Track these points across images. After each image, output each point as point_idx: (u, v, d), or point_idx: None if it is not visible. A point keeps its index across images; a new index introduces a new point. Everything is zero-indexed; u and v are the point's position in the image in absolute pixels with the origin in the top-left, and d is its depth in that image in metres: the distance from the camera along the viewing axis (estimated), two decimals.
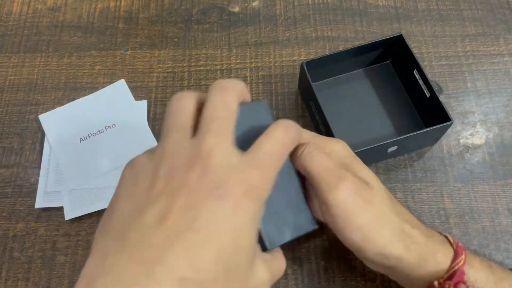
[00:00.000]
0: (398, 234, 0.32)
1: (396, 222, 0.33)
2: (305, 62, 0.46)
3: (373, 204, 0.32)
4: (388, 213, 0.33)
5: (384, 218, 0.33)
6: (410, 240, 0.33)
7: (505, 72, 0.53)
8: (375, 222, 0.32)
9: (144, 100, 0.52)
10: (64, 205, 0.46)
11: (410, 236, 0.33)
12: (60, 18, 0.58)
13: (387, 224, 0.32)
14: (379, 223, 0.32)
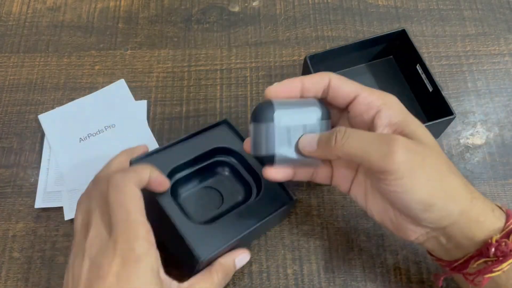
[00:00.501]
0: (464, 187, 0.32)
1: (459, 176, 0.32)
2: (309, 56, 0.46)
3: (433, 159, 0.31)
4: (449, 167, 0.32)
5: (448, 171, 0.32)
6: (472, 193, 0.32)
7: (506, 72, 0.53)
8: (441, 174, 0.31)
9: (144, 100, 0.52)
10: (64, 205, 0.46)
11: (471, 190, 0.32)
12: (60, 18, 0.58)
13: (451, 176, 0.32)
14: (445, 175, 0.31)
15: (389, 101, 0.34)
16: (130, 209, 0.32)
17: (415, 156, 0.30)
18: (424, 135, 0.33)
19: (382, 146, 0.30)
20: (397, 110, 0.33)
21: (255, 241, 0.45)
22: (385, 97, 0.34)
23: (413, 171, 0.30)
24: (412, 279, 0.43)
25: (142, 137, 0.50)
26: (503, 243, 0.31)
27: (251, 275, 0.43)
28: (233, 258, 0.37)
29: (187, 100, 0.52)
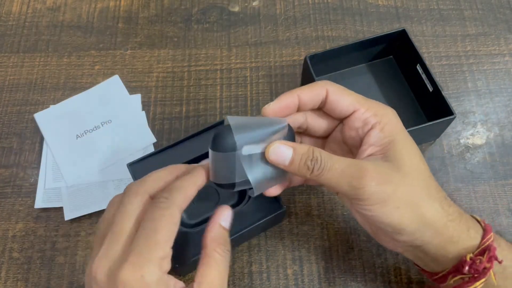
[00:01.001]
0: (439, 210, 0.32)
1: (434, 200, 0.32)
2: (309, 56, 0.46)
3: (407, 186, 0.32)
4: (428, 191, 0.32)
5: (426, 195, 0.32)
6: (447, 217, 0.32)
7: (506, 72, 0.53)
8: (414, 201, 0.32)
9: (138, 94, 0.52)
10: (64, 205, 0.46)
11: (447, 213, 0.33)
12: (60, 18, 0.58)
13: (426, 202, 0.32)
14: (418, 202, 0.32)
15: (384, 119, 0.33)
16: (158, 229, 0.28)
17: (385, 187, 0.31)
18: (407, 160, 0.32)
19: (354, 180, 0.31)
20: (388, 131, 0.33)
21: (255, 241, 0.45)
22: (381, 115, 0.34)
23: (383, 200, 0.31)
24: (412, 279, 0.43)
25: (138, 131, 0.50)
26: (477, 260, 0.32)
27: (251, 275, 0.43)
28: (218, 224, 0.32)
29: (187, 100, 0.52)
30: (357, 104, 0.34)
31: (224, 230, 0.32)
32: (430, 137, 0.49)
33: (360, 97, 0.34)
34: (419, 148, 0.40)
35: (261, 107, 0.51)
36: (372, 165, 0.31)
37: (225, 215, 0.32)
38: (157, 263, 0.27)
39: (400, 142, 0.33)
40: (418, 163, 0.33)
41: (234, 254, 0.44)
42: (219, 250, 0.30)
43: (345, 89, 0.34)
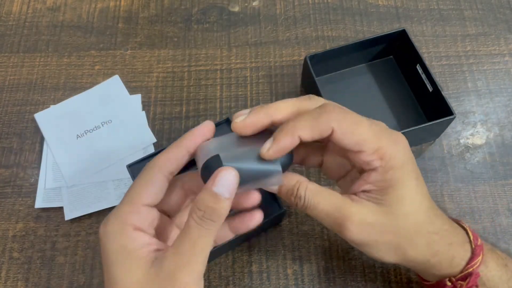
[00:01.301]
0: (421, 252, 0.32)
1: (420, 240, 0.32)
2: (309, 56, 0.46)
3: (392, 234, 0.31)
4: (411, 237, 0.32)
5: (406, 243, 0.32)
6: (433, 253, 0.33)
7: (506, 72, 0.53)
8: (399, 246, 0.32)
9: (138, 94, 0.52)
10: (64, 205, 0.46)
11: (434, 251, 0.33)
12: (60, 18, 0.58)
13: (412, 246, 0.32)
14: (404, 246, 0.32)
15: (390, 163, 0.30)
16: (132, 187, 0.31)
17: (368, 237, 0.31)
18: (402, 204, 0.31)
19: (336, 226, 0.31)
20: (390, 177, 0.30)
21: (255, 241, 0.45)
22: (388, 158, 0.30)
23: (368, 244, 0.32)
24: (412, 279, 0.43)
25: (138, 131, 0.50)
26: (458, 285, 0.33)
27: (251, 275, 0.43)
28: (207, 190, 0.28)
29: (187, 100, 0.52)
30: (364, 146, 0.30)
31: (212, 196, 0.28)
32: (430, 137, 0.49)
33: (371, 134, 0.30)
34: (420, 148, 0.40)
35: None
36: (359, 212, 0.31)
37: (220, 179, 0.28)
38: (123, 215, 0.29)
39: (401, 187, 0.31)
40: (415, 207, 0.32)
41: (234, 254, 0.44)
42: (195, 215, 0.28)
43: (354, 123, 0.30)
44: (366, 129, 0.30)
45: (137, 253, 0.29)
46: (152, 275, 0.28)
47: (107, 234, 0.29)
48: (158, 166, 0.30)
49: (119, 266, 0.29)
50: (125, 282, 0.28)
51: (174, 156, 0.31)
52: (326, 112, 0.30)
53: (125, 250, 0.29)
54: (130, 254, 0.29)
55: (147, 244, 0.29)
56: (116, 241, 0.29)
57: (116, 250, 0.29)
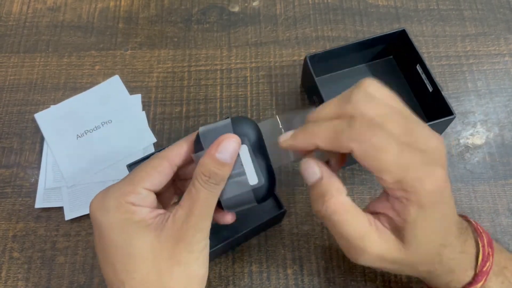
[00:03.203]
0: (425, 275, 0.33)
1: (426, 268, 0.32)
2: (309, 56, 0.46)
3: (404, 265, 0.31)
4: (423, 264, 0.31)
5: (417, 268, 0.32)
6: (433, 276, 0.33)
7: (506, 72, 0.53)
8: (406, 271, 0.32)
9: (138, 94, 0.52)
10: (64, 205, 0.46)
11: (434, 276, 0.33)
12: (60, 18, 0.58)
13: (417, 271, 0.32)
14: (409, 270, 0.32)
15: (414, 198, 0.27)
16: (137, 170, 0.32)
17: (382, 265, 0.31)
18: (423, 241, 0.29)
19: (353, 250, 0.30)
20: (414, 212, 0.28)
21: (255, 241, 0.45)
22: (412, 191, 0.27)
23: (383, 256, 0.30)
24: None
25: (138, 131, 0.50)
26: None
27: (251, 275, 0.43)
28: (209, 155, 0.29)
29: (187, 100, 0.52)
30: (384, 173, 0.27)
31: (215, 162, 0.29)
32: None
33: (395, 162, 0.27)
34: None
35: (261, 107, 0.51)
36: (379, 248, 0.29)
37: (222, 146, 0.29)
38: (122, 193, 0.30)
39: (424, 223, 0.28)
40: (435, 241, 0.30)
41: (234, 254, 0.44)
42: (201, 180, 0.29)
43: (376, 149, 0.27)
44: (391, 157, 0.27)
45: (143, 222, 0.30)
46: (163, 239, 0.29)
47: (106, 209, 0.30)
48: (168, 158, 0.31)
49: (126, 235, 0.29)
50: (135, 248, 0.29)
51: (184, 150, 0.32)
52: (350, 128, 0.27)
53: (129, 221, 0.30)
54: (137, 223, 0.30)
55: (149, 213, 0.30)
56: (118, 215, 0.30)
57: (119, 222, 0.30)
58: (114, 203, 0.30)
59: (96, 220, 0.30)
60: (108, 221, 0.30)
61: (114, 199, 0.30)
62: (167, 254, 0.29)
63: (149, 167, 0.31)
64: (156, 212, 0.31)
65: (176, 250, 0.29)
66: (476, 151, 0.49)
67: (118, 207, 0.30)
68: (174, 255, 0.30)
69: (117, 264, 0.30)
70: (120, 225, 0.30)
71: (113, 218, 0.30)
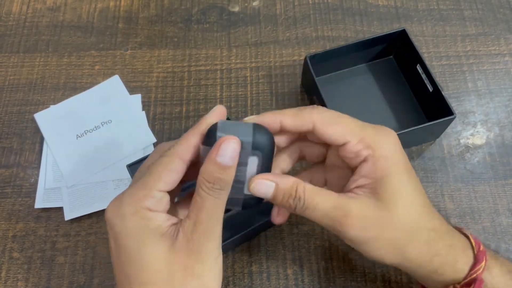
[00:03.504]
0: (425, 248, 0.32)
1: (419, 240, 0.32)
2: (309, 56, 0.46)
3: (392, 229, 0.31)
4: (411, 234, 0.32)
5: (406, 240, 0.32)
6: (433, 253, 0.32)
7: (506, 72, 0.53)
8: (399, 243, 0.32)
9: (138, 94, 0.52)
10: (64, 205, 0.46)
11: (434, 250, 0.32)
12: (60, 18, 0.58)
13: (411, 244, 0.32)
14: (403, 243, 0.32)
15: (379, 152, 0.31)
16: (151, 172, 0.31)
17: (368, 233, 0.31)
18: (398, 197, 0.31)
19: (336, 224, 0.31)
20: (381, 166, 0.31)
21: (255, 241, 0.45)
22: (376, 147, 0.31)
23: (365, 242, 0.31)
24: (413, 279, 0.43)
25: (138, 131, 0.50)
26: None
27: (251, 275, 0.43)
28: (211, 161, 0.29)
29: (187, 100, 0.52)
30: (348, 135, 0.31)
31: (217, 166, 0.29)
32: (430, 137, 0.49)
33: (354, 125, 0.32)
34: (420, 148, 0.39)
35: (261, 107, 0.51)
36: (357, 207, 0.31)
37: (223, 149, 0.29)
38: (138, 198, 0.29)
39: (394, 178, 0.31)
40: (411, 200, 0.32)
41: (234, 255, 0.44)
42: (204, 187, 0.29)
43: (336, 117, 0.32)
44: (348, 121, 0.32)
45: (159, 230, 0.29)
46: (177, 250, 0.29)
47: (122, 216, 0.29)
48: (179, 154, 0.30)
49: (142, 244, 0.29)
50: (150, 258, 0.29)
51: (193, 144, 0.30)
52: (309, 108, 0.32)
53: (146, 229, 0.29)
54: (152, 232, 0.29)
55: (166, 220, 0.30)
56: (135, 222, 0.29)
57: (136, 230, 0.29)
58: (130, 209, 0.29)
59: (114, 228, 0.30)
60: (126, 228, 0.29)
61: (129, 205, 0.29)
62: (181, 266, 0.29)
63: (160, 167, 0.30)
64: (171, 221, 0.30)
65: (188, 262, 0.29)
66: (476, 151, 0.49)
67: (134, 214, 0.29)
68: (187, 267, 0.29)
69: (131, 275, 0.29)
70: (136, 232, 0.29)
71: (129, 224, 0.29)
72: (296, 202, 0.31)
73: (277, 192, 0.31)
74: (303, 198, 0.31)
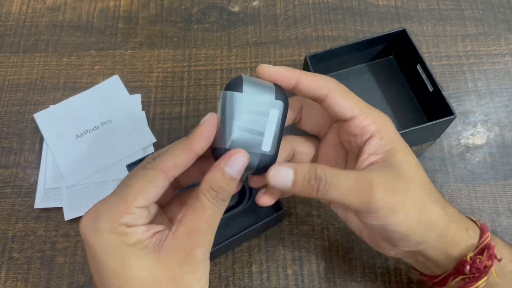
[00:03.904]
0: (442, 213, 0.32)
1: (436, 203, 0.32)
2: (309, 56, 0.46)
3: (413, 193, 0.31)
4: (430, 196, 0.32)
5: (428, 201, 0.32)
6: (449, 218, 0.33)
7: (506, 72, 0.53)
8: (420, 208, 0.32)
9: (138, 94, 0.52)
10: (64, 205, 0.46)
11: (448, 215, 0.33)
12: (60, 17, 0.58)
13: (430, 208, 0.32)
14: (424, 208, 0.32)
15: (383, 127, 0.32)
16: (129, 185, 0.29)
17: (394, 197, 0.31)
18: (408, 166, 0.32)
19: (363, 195, 0.30)
20: (388, 139, 0.32)
21: (255, 241, 0.45)
22: (379, 122, 0.32)
23: (393, 211, 0.31)
24: (412, 279, 0.43)
25: (138, 131, 0.50)
26: (477, 259, 0.32)
27: (251, 275, 0.43)
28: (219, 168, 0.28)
29: (187, 100, 0.52)
30: (357, 110, 0.32)
31: (224, 177, 0.28)
32: (430, 137, 0.49)
33: (362, 103, 0.33)
34: (420, 148, 0.39)
35: None
36: (379, 176, 0.31)
37: (233, 160, 0.28)
38: (116, 214, 0.27)
39: (400, 150, 0.32)
40: (417, 170, 0.33)
41: (234, 255, 0.44)
42: (208, 195, 0.28)
43: (349, 91, 0.33)
44: (357, 97, 0.33)
45: (139, 244, 0.28)
46: (164, 260, 0.28)
47: (98, 231, 0.28)
48: (165, 170, 0.28)
49: (122, 258, 0.27)
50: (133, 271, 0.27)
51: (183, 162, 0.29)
52: (326, 78, 0.32)
53: (124, 244, 0.28)
54: (133, 246, 0.28)
55: (145, 232, 0.28)
56: (112, 239, 0.27)
57: (113, 246, 0.27)
58: (107, 225, 0.27)
59: (88, 242, 0.28)
60: (102, 244, 0.28)
61: (106, 221, 0.28)
62: (168, 276, 0.28)
63: (142, 181, 0.28)
64: (153, 231, 0.29)
65: (178, 272, 0.28)
66: (476, 151, 0.49)
67: (111, 230, 0.28)
68: (176, 277, 0.28)
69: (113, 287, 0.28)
70: (115, 249, 0.27)
71: (107, 241, 0.28)
72: (318, 182, 0.30)
73: (297, 177, 0.30)
74: (324, 177, 0.30)
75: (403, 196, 0.31)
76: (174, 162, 0.28)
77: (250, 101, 0.29)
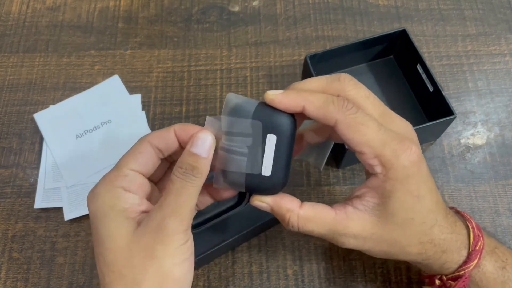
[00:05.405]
0: (416, 256, 0.33)
1: (414, 248, 0.33)
2: (309, 56, 0.46)
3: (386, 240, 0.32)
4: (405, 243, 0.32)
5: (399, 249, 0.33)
6: (426, 257, 0.33)
7: (506, 72, 0.53)
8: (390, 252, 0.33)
9: (138, 94, 0.52)
10: (64, 205, 0.46)
11: (426, 256, 0.33)
12: (59, 17, 0.58)
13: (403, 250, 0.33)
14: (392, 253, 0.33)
15: (391, 173, 0.30)
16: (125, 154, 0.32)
17: (364, 244, 0.32)
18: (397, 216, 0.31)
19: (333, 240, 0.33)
20: (390, 187, 0.30)
21: (255, 241, 0.45)
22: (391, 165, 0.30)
23: (361, 250, 0.33)
24: (412, 279, 0.43)
25: (138, 131, 0.50)
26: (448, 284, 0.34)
27: (251, 275, 0.43)
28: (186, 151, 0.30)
29: (187, 100, 0.52)
30: (365, 147, 0.29)
31: (190, 155, 0.29)
32: (430, 137, 0.49)
33: (375, 135, 0.29)
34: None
35: None
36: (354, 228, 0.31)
37: (198, 142, 0.30)
38: (111, 178, 0.30)
39: (397, 201, 0.30)
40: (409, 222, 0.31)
41: (234, 255, 0.44)
42: (177, 172, 0.29)
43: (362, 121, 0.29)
44: (372, 131, 0.29)
45: (125, 213, 0.29)
46: (139, 232, 0.29)
47: (95, 196, 0.30)
48: (148, 139, 0.31)
49: (107, 224, 0.29)
50: (112, 239, 0.29)
51: (164, 134, 0.32)
52: (338, 102, 0.30)
53: (113, 209, 0.29)
54: (118, 213, 0.29)
55: (136, 205, 0.30)
56: (105, 201, 0.30)
57: (104, 210, 0.29)
58: (103, 188, 0.30)
59: (89, 208, 0.30)
60: (96, 208, 0.30)
61: (102, 185, 0.30)
62: (141, 247, 0.28)
63: (131, 150, 0.32)
64: (144, 207, 0.30)
65: (151, 243, 0.28)
66: (476, 151, 0.49)
67: (109, 193, 0.30)
68: (147, 249, 0.28)
69: (99, 254, 0.29)
70: (103, 211, 0.29)
71: (100, 204, 0.30)
72: (289, 228, 0.32)
73: (273, 212, 0.33)
74: (296, 226, 0.32)
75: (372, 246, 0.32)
76: (157, 133, 0.32)
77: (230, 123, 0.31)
